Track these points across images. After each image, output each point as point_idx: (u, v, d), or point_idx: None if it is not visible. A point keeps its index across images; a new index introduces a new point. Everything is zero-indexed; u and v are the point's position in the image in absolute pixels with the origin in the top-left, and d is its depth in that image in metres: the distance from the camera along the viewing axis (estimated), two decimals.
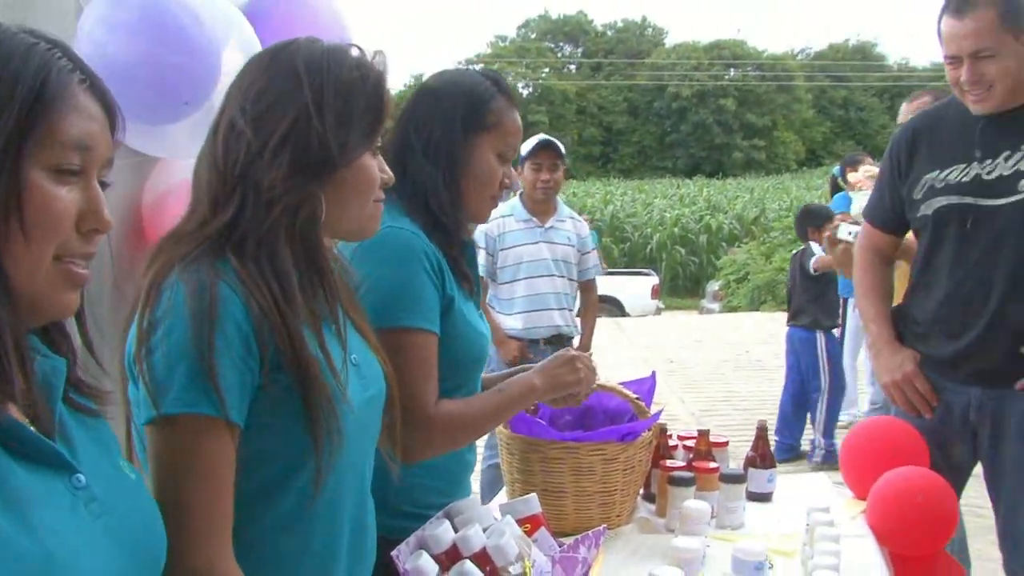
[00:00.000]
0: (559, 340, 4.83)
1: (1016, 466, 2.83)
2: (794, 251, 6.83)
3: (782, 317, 12.11)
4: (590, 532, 2.03)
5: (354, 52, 1.49)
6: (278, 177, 1.37)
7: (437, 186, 1.90)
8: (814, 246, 6.30)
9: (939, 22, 2.78)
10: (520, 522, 1.99)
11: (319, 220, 1.43)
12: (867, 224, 3.13)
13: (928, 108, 3.13)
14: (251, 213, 1.37)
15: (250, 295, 1.32)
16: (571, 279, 4.94)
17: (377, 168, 1.51)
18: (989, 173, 2.75)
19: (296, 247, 1.41)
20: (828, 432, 6.36)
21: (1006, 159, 2.73)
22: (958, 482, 2.96)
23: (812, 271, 6.30)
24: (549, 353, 2.19)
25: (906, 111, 4.34)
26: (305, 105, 1.40)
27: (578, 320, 5.09)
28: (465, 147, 1.93)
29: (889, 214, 3.02)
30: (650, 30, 66.82)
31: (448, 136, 1.92)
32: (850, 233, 3.39)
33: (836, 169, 7.56)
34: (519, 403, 2.02)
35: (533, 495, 2.09)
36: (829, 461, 5.96)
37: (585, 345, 5.06)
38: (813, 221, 6.39)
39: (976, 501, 3.08)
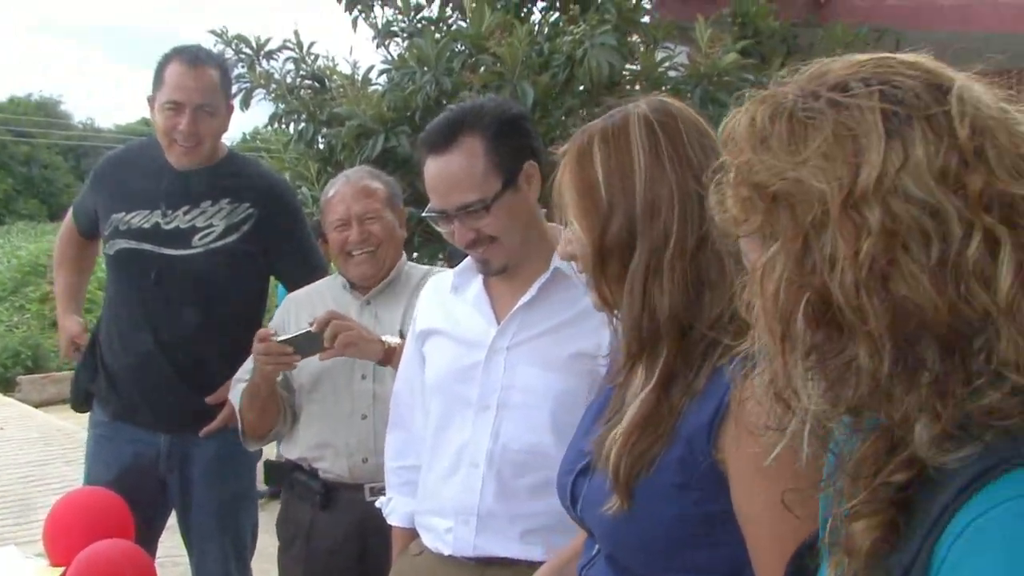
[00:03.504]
0: None
1: (202, 512, 2.93)
2: None
3: None
4: None
5: None
6: None
7: None
8: None
9: (163, 68, 2.82)
10: None
11: None
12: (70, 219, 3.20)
13: (120, 150, 3.19)
14: None
15: None
16: None
17: None
18: (169, 223, 2.85)
19: None
20: None
21: (185, 213, 2.85)
22: (154, 531, 2.99)
23: None
24: None
25: None
26: None
27: None
28: None
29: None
30: None
31: None
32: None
33: None
34: None
35: None
36: None
37: None
38: None
39: (174, 551, 3.15)
